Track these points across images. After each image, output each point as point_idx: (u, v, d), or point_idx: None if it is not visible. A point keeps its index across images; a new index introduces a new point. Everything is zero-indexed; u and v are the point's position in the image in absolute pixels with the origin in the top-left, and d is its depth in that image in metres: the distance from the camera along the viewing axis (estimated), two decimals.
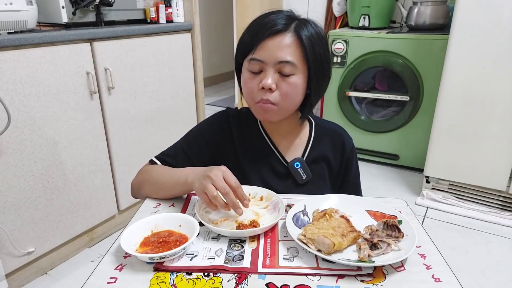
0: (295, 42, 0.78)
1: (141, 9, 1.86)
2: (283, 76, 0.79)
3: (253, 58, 0.78)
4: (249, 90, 0.82)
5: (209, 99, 4.27)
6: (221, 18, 4.77)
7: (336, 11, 2.83)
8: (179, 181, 0.80)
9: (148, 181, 0.87)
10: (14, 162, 1.35)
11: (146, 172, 0.89)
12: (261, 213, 0.77)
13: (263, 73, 0.79)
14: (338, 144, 0.95)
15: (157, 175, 0.86)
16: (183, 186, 0.79)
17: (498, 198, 1.97)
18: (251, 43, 0.79)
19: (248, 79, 0.81)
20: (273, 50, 0.77)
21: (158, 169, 0.88)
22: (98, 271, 0.62)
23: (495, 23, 1.72)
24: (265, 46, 0.77)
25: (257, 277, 0.60)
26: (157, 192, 0.85)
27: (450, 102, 1.92)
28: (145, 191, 0.87)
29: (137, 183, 0.89)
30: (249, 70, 0.81)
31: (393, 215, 0.74)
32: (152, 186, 0.86)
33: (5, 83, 1.28)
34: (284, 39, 0.77)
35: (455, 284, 0.59)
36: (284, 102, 0.81)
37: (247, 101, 0.86)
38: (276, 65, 0.78)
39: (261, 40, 0.77)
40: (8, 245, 1.38)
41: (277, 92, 0.79)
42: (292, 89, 0.80)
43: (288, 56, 0.77)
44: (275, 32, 0.77)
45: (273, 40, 0.77)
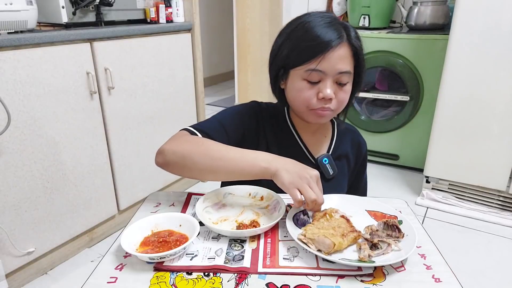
0: (350, 52, 0.80)
1: (141, 9, 1.86)
2: (340, 85, 0.81)
3: (314, 69, 0.78)
4: (306, 99, 0.82)
5: (209, 99, 4.27)
6: (221, 18, 4.77)
7: (336, 11, 2.83)
8: (256, 165, 0.72)
9: (202, 154, 0.75)
10: (14, 162, 1.35)
11: (197, 143, 0.78)
12: (261, 213, 0.77)
13: (321, 83, 0.80)
14: (355, 144, 1.00)
15: (218, 151, 0.76)
16: (260, 172, 0.72)
17: (498, 198, 1.97)
18: (311, 54, 0.78)
19: (304, 88, 0.81)
20: (335, 61, 0.78)
21: (215, 144, 0.78)
22: (98, 271, 0.62)
23: (495, 23, 1.72)
24: (328, 57, 0.77)
25: (257, 277, 0.60)
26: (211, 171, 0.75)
27: (450, 102, 1.92)
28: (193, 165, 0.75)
29: (180, 152, 0.77)
30: (306, 80, 0.80)
31: (393, 215, 0.74)
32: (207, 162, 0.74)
33: (5, 83, 1.28)
34: (343, 50, 0.79)
35: (455, 284, 0.59)
36: (339, 108, 0.84)
37: (298, 108, 0.86)
38: (336, 75, 0.79)
39: (323, 52, 0.77)
40: (8, 245, 1.38)
41: (335, 100, 0.82)
42: (346, 96, 0.83)
43: (347, 67, 0.80)
44: (335, 45, 0.77)
45: (333, 52, 0.77)
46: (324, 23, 0.79)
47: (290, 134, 0.94)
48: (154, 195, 0.88)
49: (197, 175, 0.79)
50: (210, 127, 0.86)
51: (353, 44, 0.80)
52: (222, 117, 0.90)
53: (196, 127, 0.85)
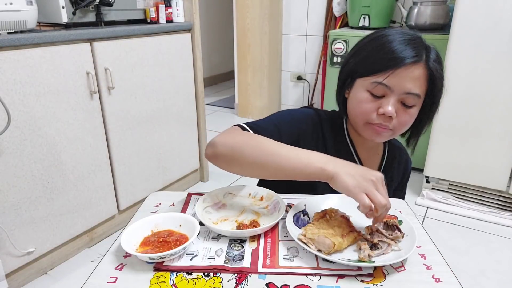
0: (424, 76, 0.76)
1: (141, 9, 1.86)
2: (404, 106, 0.78)
3: (381, 82, 0.75)
4: (365, 112, 0.79)
5: (209, 99, 4.27)
6: (221, 18, 4.77)
7: (336, 11, 2.83)
8: (311, 164, 0.67)
9: (254, 149, 0.72)
10: (14, 162, 1.35)
11: (249, 137, 0.75)
12: (261, 213, 0.77)
13: (385, 99, 0.77)
14: (402, 163, 0.98)
15: (271, 147, 0.72)
16: (314, 172, 0.67)
17: (498, 198, 1.97)
18: (381, 67, 0.75)
19: (366, 100, 0.78)
20: (404, 80, 0.75)
21: (269, 140, 0.74)
22: (98, 271, 0.62)
23: (495, 23, 1.72)
24: (398, 74, 0.74)
25: (257, 277, 0.60)
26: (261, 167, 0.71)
27: (450, 102, 1.92)
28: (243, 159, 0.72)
29: (231, 145, 0.74)
30: (370, 92, 0.78)
31: (393, 215, 0.74)
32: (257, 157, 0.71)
33: (5, 83, 1.28)
34: (416, 71, 0.75)
35: (455, 284, 0.59)
36: (399, 130, 0.81)
37: (356, 120, 0.83)
38: (402, 95, 0.76)
39: (395, 67, 0.74)
40: (8, 245, 1.38)
41: (396, 120, 0.78)
42: (410, 119, 0.80)
43: (417, 89, 0.76)
44: (411, 62, 0.74)
45: (406, 70, 0.74)
46: (403, 40, 0.76)
47: (347, 148, 0.91)
48: (154, 195, 0.88)
49: (246, 170, 0.74)
50: (264, 127, 0.83)
51: (431, 67, 0.76)
52: (278, 120, 0.87)
53: (250, 124, 0.82)
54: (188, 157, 2.18)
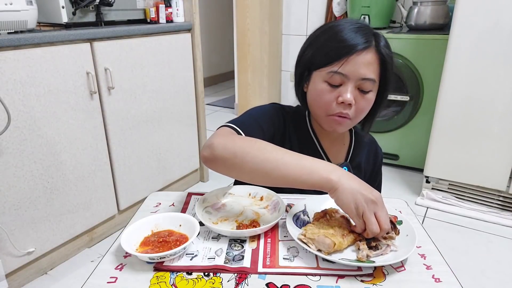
0: (377, 60, 0.78)
1: (141, 9, 1.86)
2: (362, 92, 0.79)
3: (336, 71, 0.77)
4: (325, 102, 0.80)
5: (209, 99, 4.27)
6: (221, 18, 4.77)
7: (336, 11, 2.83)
8: (314, 173, 0.65)
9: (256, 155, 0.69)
10: (14, 162, 1.35)
11: (250, 142, 0.72)
12: (261, 213, 0.77)
13: (342, 87, 0.78)
14: (372, 153, 0.99)
15: (273, 154, 0.69)
16: (317, 181, 0.65)
17: (498, 198, 1.97)
18: (335, 57, 0.77)
19: (324, 91, 0.79)
20: (359, 66, 0.76)
21: (271, 146, 0.71)
22: (98, 271, 0.62)
23: (495, 23, 1.72)
24: (351, 62, 0.76)
25: (257, 277, 0.60)
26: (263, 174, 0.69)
27: (450, 102, 1.92)
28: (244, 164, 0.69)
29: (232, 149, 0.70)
30: (327, 82, 0.79)
31: (393, 215, 0.74)
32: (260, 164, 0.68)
33: (5, 83, 1.28)
34: (368, 56, 0.77)
35: (455, 284, 0.59)
36: (358, 117, 0.82)
37: (317, 112, 0.84)
38: (358, 81, 0.77)
39: (347, 55, 0.76)
40: (8, 245, 1.38)
41: (354, 107, 0.79)
42: (368, 105, 0.81)
43: (372, 74, 0.78)
44: (362, 48, 0.76)
45: (359, 56, 0.76)
46: (353, 28, 0.78)
47: (311, 140, 0.92)
48: (154, 195, 0.88)
49: (246, 176, 0.71)
50: (249, 124, 0.82)
51: (381, 51, 0.78)
52: (257, 115, 0.87)
53: (237, 124, 0.81)
54: (188, 157, 2.18)
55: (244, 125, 0.81)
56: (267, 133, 0.85)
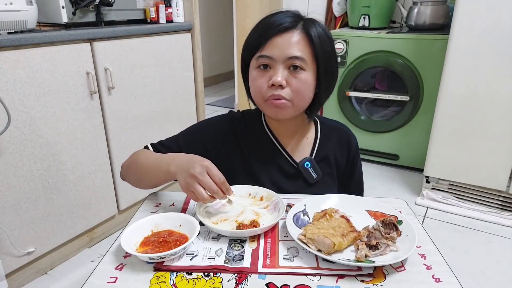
0: (304, 39, 0.79)
1: (141, 9, 1.86)
2: (293, 72, 0.79)
3: (261, 55, 0.78)
4: (258, 88, 0.81)
5: (209, 99, 4.27)
6: (221, 18, 4.77)
7: (336, 11, 2.83)
8: (161, 168, 0.77)
9: (135, 164, 0.86)
10: (14, 162, 1.35)
11: (136, 155, 0.88)
12: (261, 213, 0.77)
13: (272, 70, 0.79)
14: (344, 143, 0.95)
15: (143, 159, 0.84)
16: (164, 174, 0.77)
17: (498, 198, 1.97)
18: (259, 41, 0.79)
19: (256, 77, 0.81)
20: (283, 46, 0.77)
21: (146, 153, 0.86)
22: (98, 271, 0.62)
23: (495, 23, 1.72)
24: (274, 42, 0.77)
25: (257, 277, 0.60)
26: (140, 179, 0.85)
27: (450, 102, 1.92)
28: (131, 176, 0.88)
29: (126, 166, 0.89)
30: (257, 68, 0.80)
31: (393, 215, 0.74)
32: (137, 171, 0.86)
33: (5, 83, 1.28)
34: (293, 36, 0.78)
35: (455, 284, 0.59)
36: (297, 98, 0.81)
37: (256, 100, 0.85)
38: (286, 61, 0.78)
39: (270, 37, 0.78)
40: (8, 245, 1.38)
41: (288, 88, 0.79)
42: (303, 85, 0.80)
43: (298, 52, 0.78)
44: (284, 29, 0.78)
45: (281, 37, 0.77)
46: (282, 14, 0.80)
47: (269, 140, 0.91)
48: (154, 195, 0.88)
49: (137, 184, 0.87)
50: (166, 145, 0.91)
51: (309, 32, 0.79)
52: (183, 136, 0.93)
53: (155, 144, 0.91)
54: None
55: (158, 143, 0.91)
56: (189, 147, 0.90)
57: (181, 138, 0.93)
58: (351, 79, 2.46)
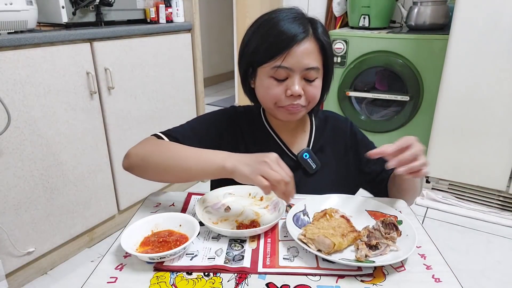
0: (316, 47, 0.80)
1: (141, 9, 1.86)
2: (308, 81, 0.81)
3: (281, 66, 0.77)
4: (274, 97, 0.81)
5: (209, 99, 4.27)
6: (221, 18, 4.77)
7: (336, 11, 2.83)
8: (212, 163, 0.71)
9: (160, 155, 0.77)
10: (14, 162, 1.35)
11: (158, 145, 0.79)
12: (261, 213, 0.77)
13: (289, 80, 0.79)
14: (337, 129, 0.97)
15: (176, 150, 0.76)
16: (216, 169, 0.71)
17: (498, 198, 1.97)
18: (275, 51, 0.77)
19: (272, 86, 0.80)
20: (301, 57, 0.77)
21: (175, 145, 0.79)
22: (98, 271, 0.62)
23: (495, 23, 1.72)
24: (293, 53, 0.77)
25: (257, 277, 0.60)
26: (167, 170, 0.75)
27: (450, 102, 1.92)
28: (150, 166, 0.77)
29: (141, 154, 0.79)
30: (273, 77, 0.80)
31: (393, 215, 0.74)
32: (163, 162, 0.76)
33: (5, 83, 1.28)
34: (308, 45, 0.78)
35: (455, 284, 0.59)
36: (311, 104, 0.84)
37: (266, 105, 0.85)
38: (303, 71, 0.79)
39: (287, 48, 0.77)
40: (8, 245, 1.38)
41: (304, 96, 0.81)
42: (317, 91, 0.83)
43: (314, 63, 0.79)
44: (301, 39, 0.77)
45: (299, 47, 0.77)
46: (289, 18, 0.79)
47: (268, 134, 0.93)
48: (154, 195, 0.88)
49: (158, 176, 0.78)
50: (180, 131, 0.87)
51: (320, 38, 0.80)
52: (194, 123, 0.91)
53: (165, 132, 0.87)
54: None
55: (173, 132, 0.87)
56: (205, 137, 0.88)
57: (196, 129, 0.90)
58: (351, 79, 2.46)
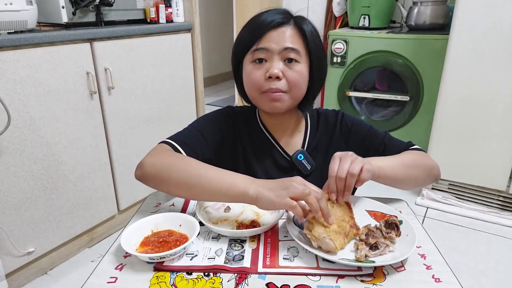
0: (297, 34, 0.81)
1: (141, 9, 1.86)
2: (289, 64, 0.81)
3: (257, 48, 0.80)
4: (255, 81, 0.82)
5: (209, 99, 4.27)
6: (221, 18, 4.77)
7: (336, 11, 2.83)
8: (234, 188, 0.68)
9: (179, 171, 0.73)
10: (14, 162, 1.35)
11: (176, 159, 0.76)
12: (261, 213, 0.77)
13: (268, 63, 0.81)
14: (329, 125, 0.96)
15: (196, 169, 0.73)
16: (239, 195, 0.68)
17: (498, 198, 1.97)
18: (254, 36, 0.81)
19: (252, 70, 0.82)
20: (278, 39, 0.79)
21: (195, 162, 0.75)
22: (99, 271, 0.62)
23: (495, 23, 1.72)
24: (269, 36, 0.80)
25: (257, 277, 0.60)
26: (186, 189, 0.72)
27: (450, 102, 1.92)
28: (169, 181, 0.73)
29: (158, 167, 0.75)
30: (252, 62, 0.82)
31: (393, 215, 0.74)
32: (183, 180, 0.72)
33: (5, 83, 1.28)
34: (287, 31, 0.81)
35: (455, 284, 0.59)
36: (293, 90, 0.82)
37: (250, 94, 0.86)
38: (281, 52, 0.80)
39: (265, 31, 0.80)
40: (8, 245, 1.38)
41: (284, 80, 0.81)
42: (298, 76, 0.82)
43: (293, 44, 0.80)
44: (277, 24, 0.80)
45: (276, 31, 0.80)
46: (270, 12, 0.83)
47: (263, 135, 0.93)
48: (154, 195, 0.88)
49: (174, 191, 0.75)
50: (189, 136, 0.86)
51: (301, 27, 0.81)
52: (199, 125, 0.90)
53: (175, 138, 0.85)
54: None
55: (183, 138, 0.85)
56: (211, 141, 0.87)
57: (203, 131, 0.88)
58: (351, 79, 2.46)
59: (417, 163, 0.84)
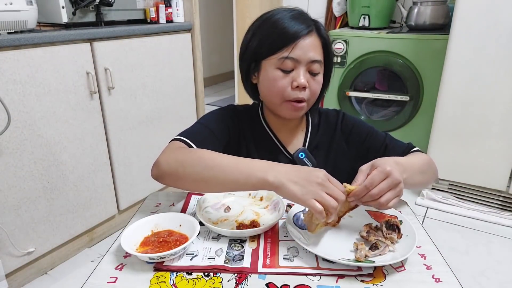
0: (319, 43, 0.83)
1: (141, 9, 1.86)
2: (312, 75, 0.82)
3: (288, 57, 0.79)
4: (280, 89, 0.82)
5: (209, 99, 4.27)
6: (221, 18, 4.77)
7: (336, 11, 2.83)
8: (252, 176, 0.66)
9: (194, 165, 0.71)
10: (14, 162, 1.35)
11: (190, 153, 0.75)
12: (261, 213, 0.77)
13: (295, 72, 0.81)
14: (330, 124, 0.97)
15: (211, 160, 0.71)
16: (258, 183, 0.66)
17: (498, 198, 1.97)
18: (283, 42, 0.80)
19: (279, 78, 0.81)
20: (306, 49, 0.80)
21: (209, 153, 0.73)
22: (99, 271, 0.62)
23: (495, 23, 1.72)
24: (299, 46, 0.79)
25: (257, 277, 0.60)
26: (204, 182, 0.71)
27: (450, 102, 1.92)
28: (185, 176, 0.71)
29: (173, 163, 0.73)
30: (279, 69, 0.81)
31: (393, 215, 0.74)
32: (199, 173, 0.70)
33: (5, 83, 1.28)
34: (314, 39, 0.81)
35: (455, 284, 0.59)
36: (312, 99, 0.86)
37: (271, 99, 0.85)
38: (308, 64, 0.81)
39: (296, 39, 0.79)
40: (8, 245, 1.38)
41: (308, 90, 0.82)
42: (319, 87, 0.85)
43: (318, 56, 0.82)
44: (307, 32, 0.80)
45: (305, 40, 0.80)
46: (291, 15, 0.82)
47: (266, 134, 0.94)
48: (154, 195, 0.88)
49: (191, 186, 0.74)
50: (199, 132, 0.86)
51: (323, 35, 0.83)
52: (207, 122, 0.89)
53: (186, 134, 0.84)
54: None
55: (193, 134, 0.84)
56: (221, 137, 0.88)
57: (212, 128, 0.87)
58: (351, 79, 2.46)
59: (427, 169, 0.84)
